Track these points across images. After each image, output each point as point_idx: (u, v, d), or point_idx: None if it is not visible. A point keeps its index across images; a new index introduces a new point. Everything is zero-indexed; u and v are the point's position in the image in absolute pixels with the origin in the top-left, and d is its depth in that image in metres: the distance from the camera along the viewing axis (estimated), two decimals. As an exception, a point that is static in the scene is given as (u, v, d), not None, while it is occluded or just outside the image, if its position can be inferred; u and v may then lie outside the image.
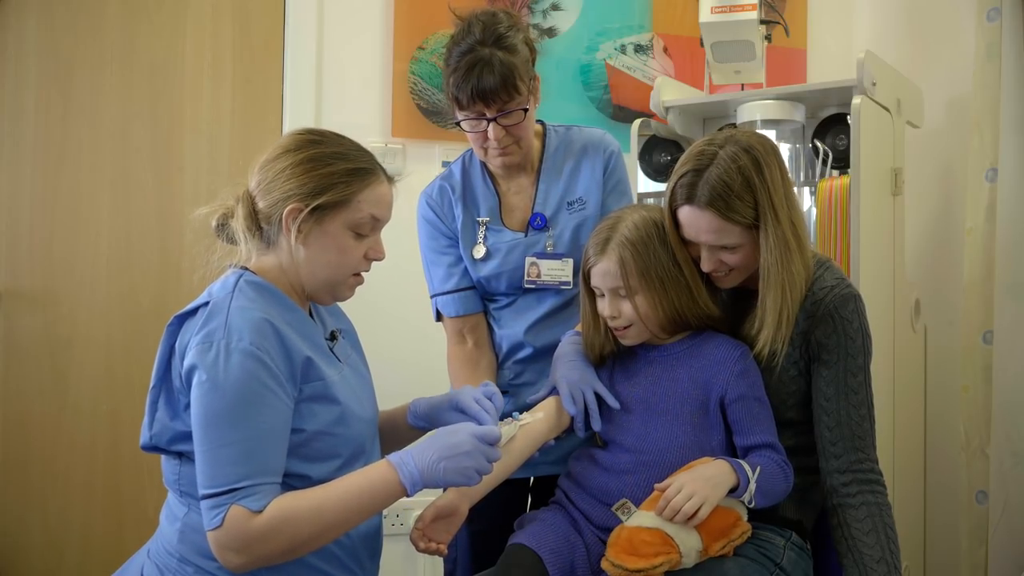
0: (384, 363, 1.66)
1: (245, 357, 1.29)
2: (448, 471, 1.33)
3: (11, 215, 2.65)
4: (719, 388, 1.52)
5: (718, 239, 1.49)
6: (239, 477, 1.26)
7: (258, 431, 1.28)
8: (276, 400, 1.31)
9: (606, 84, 3.05)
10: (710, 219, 1.48)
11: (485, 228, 1.86)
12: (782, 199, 1.49)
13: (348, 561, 1.43)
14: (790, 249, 1.49)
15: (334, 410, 1.39)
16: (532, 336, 1.84)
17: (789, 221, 1.49)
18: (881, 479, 1.53)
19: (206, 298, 1.38)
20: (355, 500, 1.31)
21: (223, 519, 1.25)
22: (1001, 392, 2.38)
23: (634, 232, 1.52)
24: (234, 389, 1.27)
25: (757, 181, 1.47)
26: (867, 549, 1.48)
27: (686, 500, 1.37)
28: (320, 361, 1.40)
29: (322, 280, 1.44)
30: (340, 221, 1.41)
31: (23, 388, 2.65)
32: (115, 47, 2.72)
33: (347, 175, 1.42)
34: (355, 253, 1.44)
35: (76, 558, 2.67)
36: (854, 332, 1.52)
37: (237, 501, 1.26)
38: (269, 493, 1.28)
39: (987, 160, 2.42)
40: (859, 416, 1.52)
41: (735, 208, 1.46)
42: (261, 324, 1.32)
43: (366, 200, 1.43)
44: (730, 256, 1.51)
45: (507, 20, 1.73)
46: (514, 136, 1.76)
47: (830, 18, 3.22)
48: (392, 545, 1.63)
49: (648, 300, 1.52)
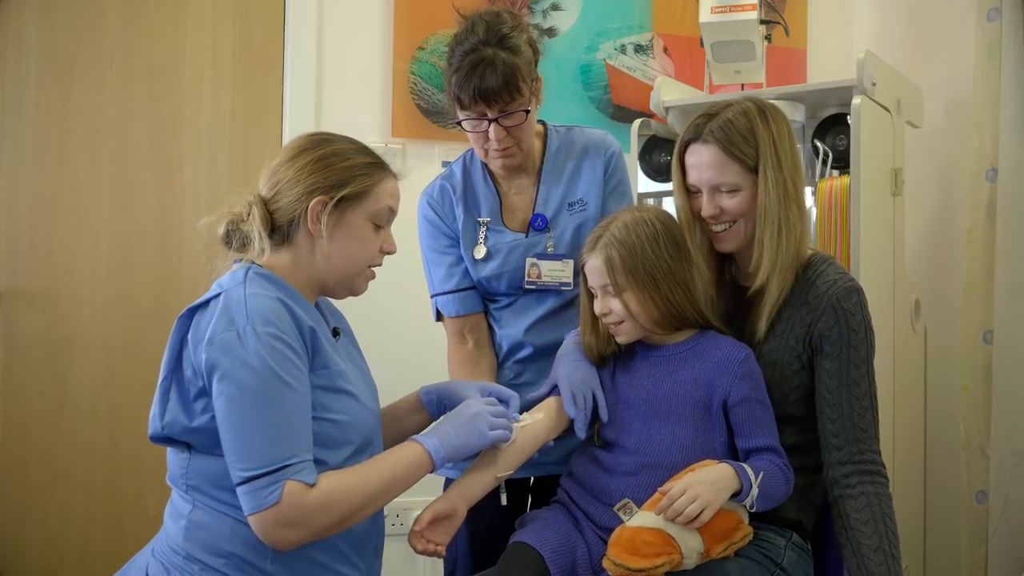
0: (385, 362, 1.67)
1: (270, 339, 1.32)
2: (469, 436, 1.45)
3: (11, 215, 2.65)
4: (722, 390, 1.52)
5: (719, 176, 1.55)
6: (288, 454, 1.29)
7: (293, 409, 1.32)
8: (302, 377, 1.35)
9: (606, 84, 3.05)
10: (712, 153, 1.55)
11: (486, 228, 1.86)
12: (786, 152, 1.55)
13: (353, 556, 1.44)
14: (788, 196, 1.54)
15: (343, 399, 1.42)
16: (532, 336, 1.84)
17: (791, 174, 1.55)
18: (882, 470, 1.54)
19: (217, 290, 1.39)
20: (391, 473, 1.39)
21: (280, 495, 1.27)
22: (1001, 392, 2.38)
23: (622, 231, 1.54)
24: (265, 371, 1.30)
25: (761, 127, 1.55)
26: (864, 539, 1.48)
27: (690, 503, 1.37)
28: (327, 346, 1.43)
29: (340, 272, 1.48)
30: (361, 212, 1.47)
31: (23, 388, 2.65)
32: (115, 47, 2.72)
33: (366, 168, 1.48)
34: (373, 245, 1.49)
35: (76, 558, 2.67)
36: (857, 324, 1.53)
37: (292, 476, 1.28)
38: (315, 468, 1.32)
39: (987, 160, 2.42)
40: (861, 408, 1.52)
41: (737, 144, 1.54)
42: (276, 306, 1.36)
43: (383, 192, 1.49)
44: (729, 201, 1.56)
45: (511, 20, 1.73)
46: (515, 137, 1.76)
47: (830, 18, 3.22)
48: (392, 545, 1.63)
49: (637, 297, 1.53)
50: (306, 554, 1.37)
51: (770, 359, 1.57)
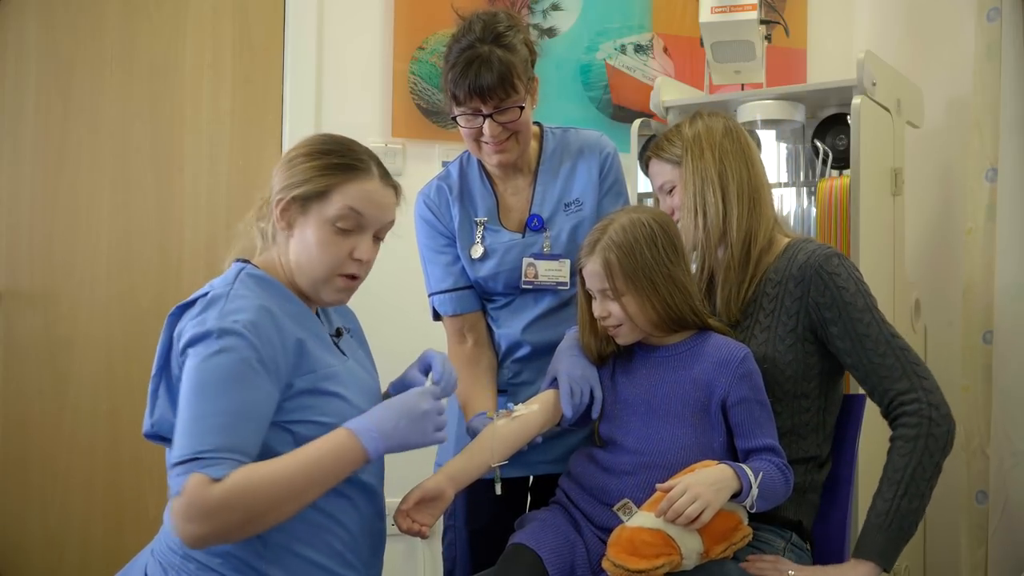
0: (385, 362, 1.67)
1: (236, 338, 1.29)
2: (407, 430, 1.36)
3: (11, 215, 2.66)
4: (721, 390, 1.52)
5: (657, 179, 1.72)
6: (205, 447, 1.24)
7: (236, 407, 1.27)
8: (261, 383, 1.30)
9: (606, 84, 3.05)
10: (652, 164, 1.73)
11: (483, 228, 1.87)
12: (714, 145, 1.64)
13: (351, 557, 1.43)
14: (709, 181, 1.62)
15: (330, 401, 1.39)
16: (530, 335, 1.84)
17: (719, 163, 1.63)
18: (921, 408, 1.50)
19: (207, 289, 1.39)
20: (315, 467, 1.30)
21: (183, 486, 1.22)
22: (1001, 392, 2.38)
23: (621, 234, 1.53)
24: (219, 366, 1.28)
25: (688, 127, 1.68)
26: (883, 483, 1.49)
27: (689, 503, 1.37)
28: (318, 349, 1.41)
29: (308, 277, 1.44)
30: (318, 214, 1.42)
31: (23, 388, 2.65)
32: (115, 47, 2.72)
33: (328, 168, 1.43)
34: (336, 250, 1.43)
35: (76, 558, 2.67)
36: (844, 281, 1.55)
37: (199, 469, 1.23)
38: (232, 466, 1.25)
39: (987, 160, 2.42)
40: (879, 355, 1.53)
41: (664, 148, 1.70)
42: (257, 311, 1.33)
43: (345, 194, 1.42)
44: (670, 199, 1.70)
45: (507, 20, 1.74)
46: (510, 132, 1.76)
47: (830, 18, 3.22)
48: (392, 545, 1.63)
49: (636, 301, 1.53)
50: (301, 553, 1.36)
51: (761, 339, 1.58)
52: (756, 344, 1.58)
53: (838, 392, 1.65)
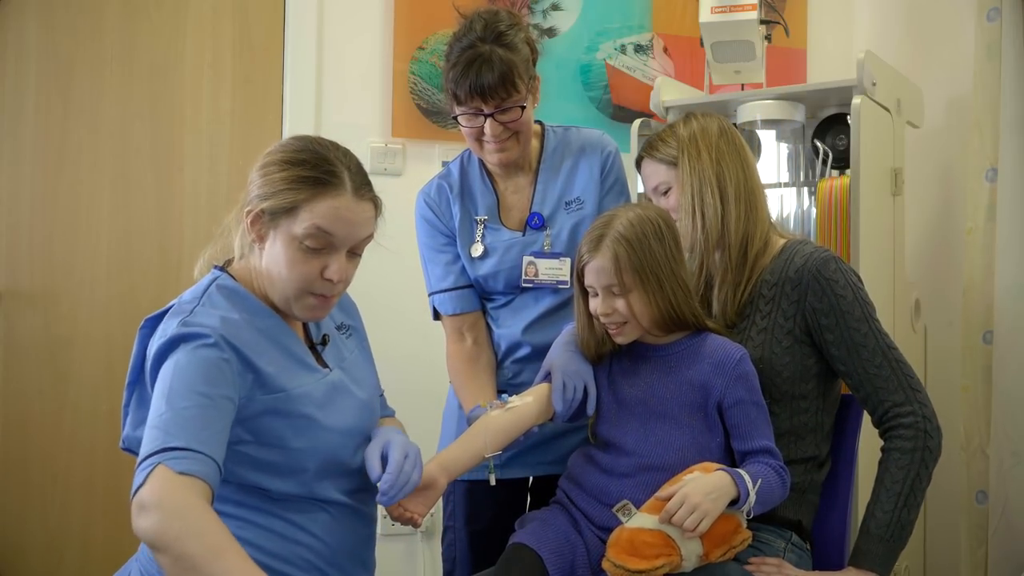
0: (385, 362, 1.66)
1: (195, 347, 1.26)
2: None
3: (11, 215, 2.66)
4: (717, 392, 1.51)
5: (651, 180, 1.69)
6: (172, 444, 1.19)
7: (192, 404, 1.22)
8: (223, 387, 1.26)
9: (606, 84, 3.05)
10: (644, 164, 1.70)
11: (483, 227, 1.87)
12: (711, 146, 1.63)
13: (327, 568, 1.38)
14: (707, 183, 1.61)
15: (294, 424, 1.34)
16: (530, 335, 1.84)
17: (716, 165, 1.62)
18: (916, 421, 1.51)
19: (175, 302, 1.37)
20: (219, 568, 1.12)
21: (146, 477, 1.16)
22: (1001, 392, 2.38)
23: (629, 229, 1.51)
24: (181, 370, 1.24)
25: (682, 127, 1.66)
26: (882, 494, 1.50)
27: (688, 514, 1.37)
28: (284, 373, 1.35)
29: (279, 292, 1.37)
30: (286, 230, 1.34)
31: (23, 388, 2.65)
32: (115, 47, 2.72)
33: (297, 182, 1.34)
34: (304, 269, 1.34)
35: (76, 558, 2.67)
36: (842, 288, 1.55)
37: (164, 461, 1.17)
38: (198, 462, 1.18)
39: (987, 160, 2.42)
40: (875, 366, 1.53)
41: (658, 148, 1.67)
42: (216, 326, 1.29)
43: (313, 211, 1.33)
44: (665, 200, 1.67)
45: (509, 19, 1.74)
46: (511, 131, 1.76)
47: (830, 18, 3.22)
48: (392, 545, 1.63)
49: (642, 297, 1.51)
50: (275, 568, 1.31)
51: (758, 340, 1.58)
52: (753, 346, 1.58)
53: (836, 392, 1.65)
